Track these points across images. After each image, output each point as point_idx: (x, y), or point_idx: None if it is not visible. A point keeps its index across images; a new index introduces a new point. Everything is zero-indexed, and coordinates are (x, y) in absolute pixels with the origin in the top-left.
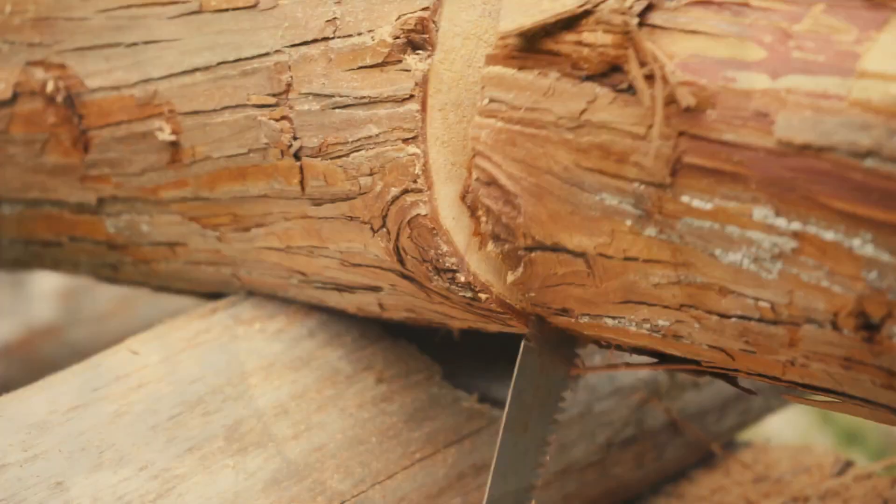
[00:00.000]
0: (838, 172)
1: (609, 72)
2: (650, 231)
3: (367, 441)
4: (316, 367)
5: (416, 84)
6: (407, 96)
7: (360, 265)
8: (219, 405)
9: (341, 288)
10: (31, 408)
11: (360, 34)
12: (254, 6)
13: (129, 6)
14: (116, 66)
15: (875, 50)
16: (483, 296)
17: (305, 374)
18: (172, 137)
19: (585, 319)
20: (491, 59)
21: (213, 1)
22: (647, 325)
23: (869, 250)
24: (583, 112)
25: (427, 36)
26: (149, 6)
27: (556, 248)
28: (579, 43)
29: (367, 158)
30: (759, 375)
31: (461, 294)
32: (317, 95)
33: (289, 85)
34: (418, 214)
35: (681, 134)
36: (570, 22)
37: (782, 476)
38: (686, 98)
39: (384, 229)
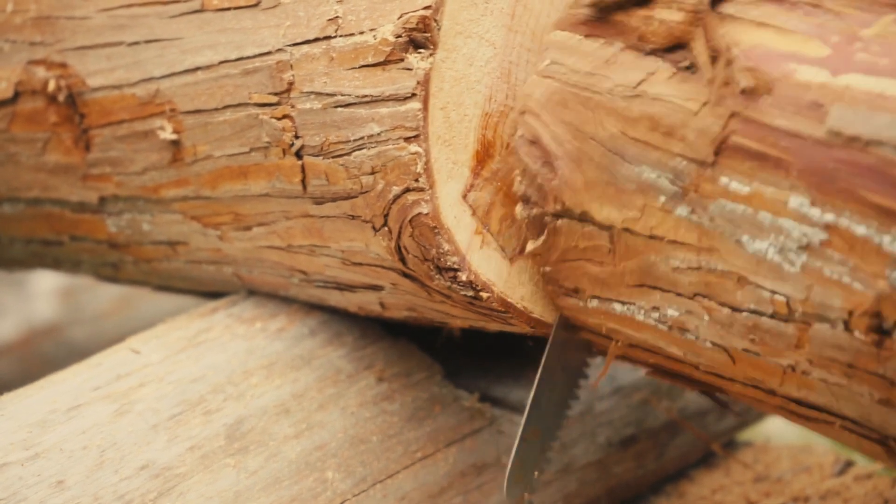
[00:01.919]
0: (882, 168)
1: (674, 48)
2: (681, 210)
3: (368, 440)
4: (317, 366)
5: (418, 83)
6: (409, 95)
7: (361, 264)
8: (220, 404)
9: (342, 287)
10: (32, 407)
11: (361, 33)
12: (255, 5)
13: (130, 5)
14: (118, 64)
15: None
16: (484, 294)
17: (306, 373)
18: (174, 136)
19: (595, 303)
20: (559, 24)
21: (214, 0)
22: (656, 314)
23: None
24: (640, 83)
25: (429, 35)
26: (150, 5)
27: (584, 219)
28: (649, 18)
29: (368, 157)
30: (754, 387)
31: (462, 293)
32: (318, 94)
33: (290, 84)
34: (420, 213)
35: (732, 115)
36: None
37: (783, 475)
38: (745, 79)
39: (386, 228)
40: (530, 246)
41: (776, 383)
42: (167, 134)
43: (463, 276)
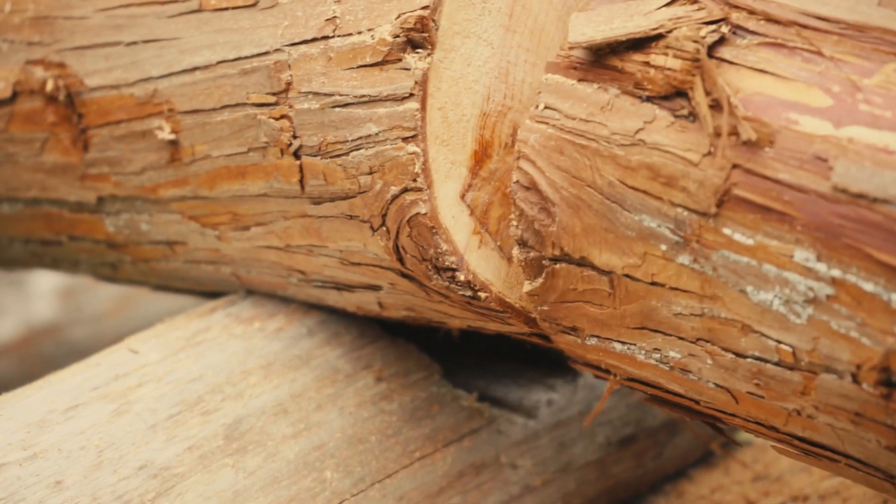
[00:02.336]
0: (889, 226)
1: (672, 96)
2: (683, 259)
3: (366, 440)
4: (315, 366)
5: (416, 83)
6: (406, 95)
7: (359, 264)
8: (218, 404)
9: (341, 287)
10: (30, 406)
11: (359, 33)
12: (253, 5)
13: (128, 5)
14: (116, 64)
15: None
16: (482, 294)
17: (305, 373)
18: (172, 136)
19: (593, 341)
20: (552, 67)
21: (212, 0)
22: (657, 356)
23: None
24: (638, 131)
25: (427, 35)
26: (148, 5)
27: (583, 263)
28: (646, 64)
29: (366, 157)
30: (757, 423)
31: (460, 293)
32: (316, 94)
33: (288, 84)
34: (418, 213)
35: (735, 166)
36: (641, 43)
37: (782, 475)
38: (748, 132)
39: (384, 228)
40: (527, 287)
41: (780, 423)
42: (165, 134)
43: (461, 276)
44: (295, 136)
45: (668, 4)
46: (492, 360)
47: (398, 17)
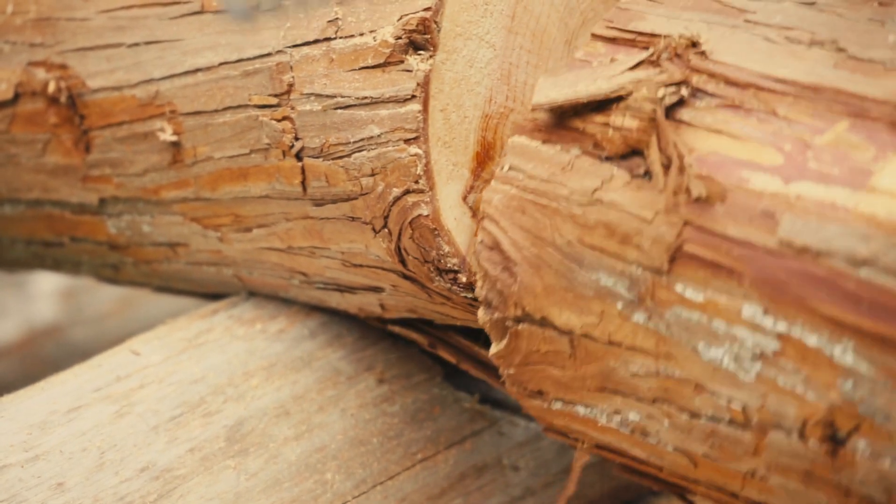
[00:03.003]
0: (832, 279)
1: (629, 155)
2: (639, 317)
3: (368, 442)
4: (317, 368)
5: (418, 84)
6: (409, 97)
7: (361, 266)
8: (220, 406)
9: (342, 288)
10: (32, 408)
11: (361, 35)
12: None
13: (130, 7)
14: (118, 66)
15: (888, 169)
16: None
17: (306, 375)
18: (174, 138)
19: (558, 406)
20: (518, 129)
21: (214, 1)
22: (618, 418)
23: (848, 359)
24: (596, 190)
25: (429, 36)
26: (150, 6)
27: (544, 324)
28: (606, 125)
29: (368, 159)
30: (718, 490)
31: (463, 295)
32: (318, 96)
33: (290, 85)
34: (420, 215)
35: (686, 223)
36: (602, 104)
37: None
38: (698, 188)
39: (386, 230)
40: (494, 349)
41: (738, 487)
42: (167, 135)
43: (463, 278)
44: (297, 138)
45: (631, 68)
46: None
47: (400, 18)
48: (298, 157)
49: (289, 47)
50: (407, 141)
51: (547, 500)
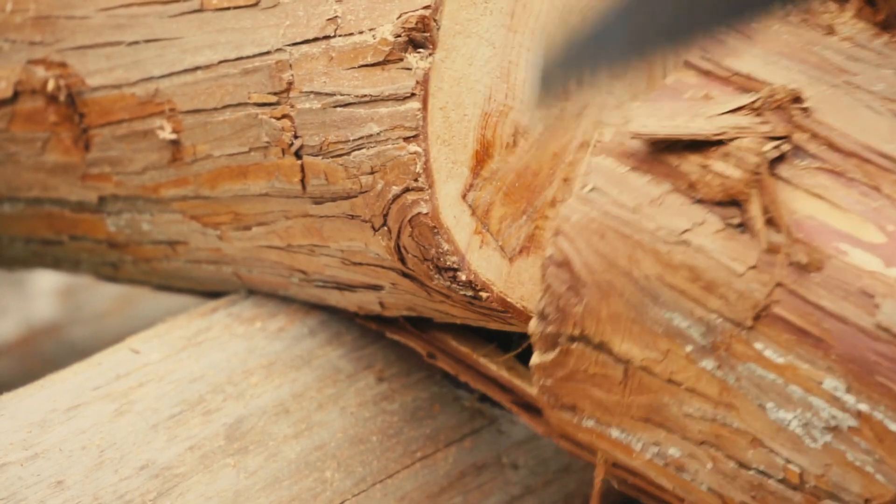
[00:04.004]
0: None
1: (725, 203)
2: (707, 363)
3: (367, 440)
4: (317, 366)
5: (418, 82)
6: (408, 95)
7: (360, 264)
8: (219, 404)
9: (342, 286)
10: (31, 406)
11: (361, 32)
12: (255, 5)
13: (129, 5)
14: (117, 64)
15: None
16: (484, 294)
17: (306, 373)
18: (173, 136)
19: (590, 423)
20: (604, 150)
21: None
22: (655, 450)
23: None
24: (685, 231)
25: (428, 34)
26: (150, 5)
27: (601, 348)
28: (704, 167)
29: (368, 157)
30: None
31: (462, 293)
32: (318, 94)
33: (290, 83)
34: (419, 213)
35: (779, 285)
36: (701, 145)
37: None
38: (799, 254)
39: (385, 228)
40: (537, 358)
41: None
42: (167, 133)
43: (462, 276)
44: (296, 136)
45: (732, 111)
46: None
47: (400, 16)
48: (298, 155)
49: (288, 45)
50: (406, 139)
51: (546, 499)
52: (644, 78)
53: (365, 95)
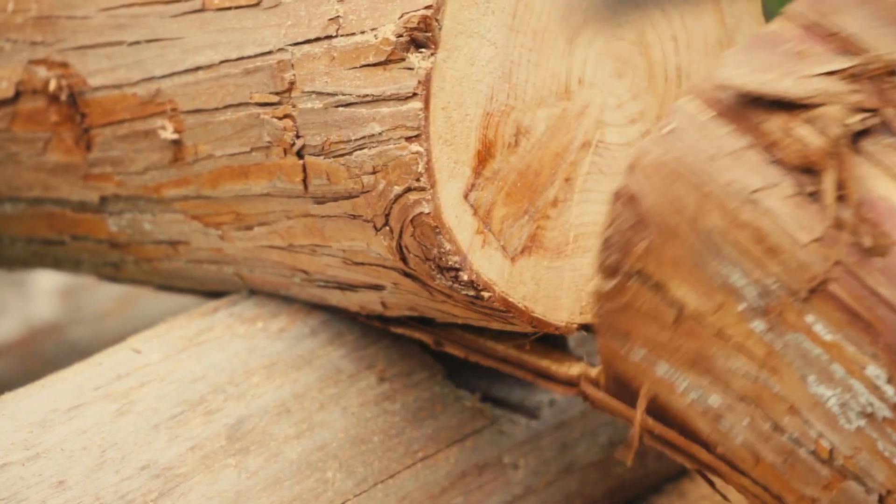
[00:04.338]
0: None
1: (800, 168)
2: (757, 325)
3: (369, 440)
4: (318, 366)
5: (419, 82)
6: (410, 95)
7: (362, 264)
8: (221, 404)
9: (343, 286)
10: (32, 406)
11: (362, 32)
12: (256, 4)
13: (131, 5)
14: (119, 64)
15: None
16: (486, 294)
17: (307, 373)
18: (175, 136)
19: (639, 355)
20: (693, 92)
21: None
22: (696, 394)
23: None
24: (757, 191)
25: (430, 34)
26: (151, 4)
27: (658, 289)
28: (788, 130)
29: (369, 157)
30: (764, 489)
31: (464, 292)
32: (319, 94)
33: (291, 83)
34: (421, 213)
35: (839, 263)
36: (787, 105)
37: None
38: (867, 237)
39: (387, 228)
40: (597, 284)
41: (791, 500)
42: (168, 133)
43: (464, 276)
44: (298, 136)
45: (827, 74)
46: None
47: (401, 16)
48: (300, 154)
49: (290, 45)
50: (408, 139)
51: (548, 499)
52: (644, 77)
53: (367, 95)
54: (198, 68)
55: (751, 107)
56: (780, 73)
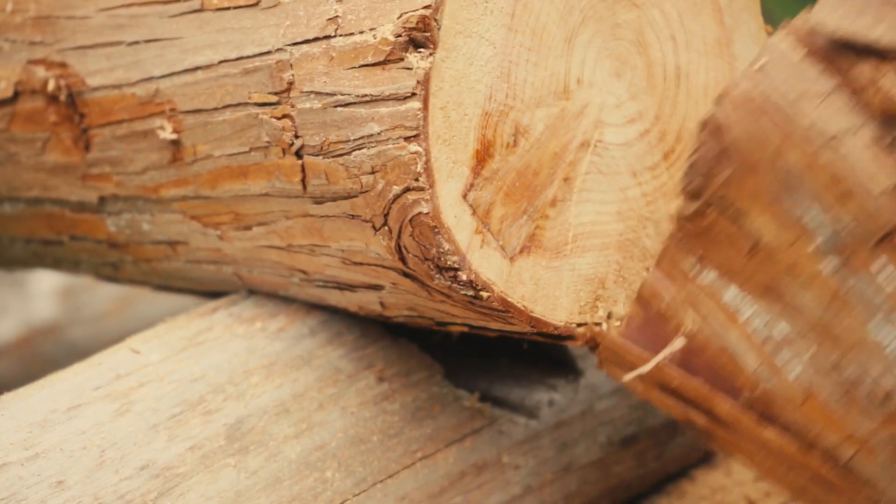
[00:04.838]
0: None
1: (881, 119)
2: (826, 265)
3: (368, 440)
4: (317, 366)
5: (418, 82)
6: (409, 94)
7: (361, 264)
8: (220, 404)
9: (342, 286)
10: (32, 406)
11: (361, 32)
12: (255, 4)
13: (130, 5)
14: (117, 64)
15: None
16: (485, 294)
17: (306, 373)
18: (174, 136)
19: (709, 278)
20: (788, 30)
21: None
22: (762, 323)
23: None
24: (835, 136)
25: (429, 34)
26: (150, 5)
27: (736, 217)
28: (873, 77)
29: (368, 157)
30: (794, 435)
31: (463, 292)
32: (318, 94)
33: (290, 83)
34: (420, 213)
35: None
36: (878, 53)
37: None
38: None
39: (386, 227)
40: (682, 207)
41: (836, 439)
42: (167, 133)
43: (463, 276)
44: (297, 136)
45: None
46: (493, 359)
47: (400, 16)
48: (298, 154)
49: (288, 45)
50: (407, 139)
51: (547, 499)
52: (643, 76)
53: (365, 95)
54: (197, 68)
55: (842, 51)
56: (874, 19)
